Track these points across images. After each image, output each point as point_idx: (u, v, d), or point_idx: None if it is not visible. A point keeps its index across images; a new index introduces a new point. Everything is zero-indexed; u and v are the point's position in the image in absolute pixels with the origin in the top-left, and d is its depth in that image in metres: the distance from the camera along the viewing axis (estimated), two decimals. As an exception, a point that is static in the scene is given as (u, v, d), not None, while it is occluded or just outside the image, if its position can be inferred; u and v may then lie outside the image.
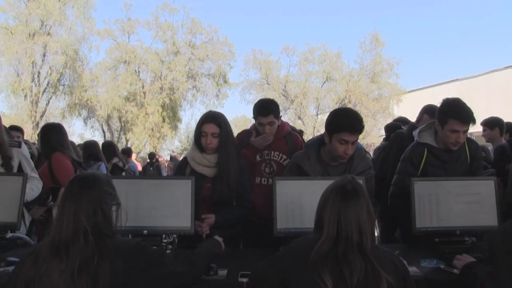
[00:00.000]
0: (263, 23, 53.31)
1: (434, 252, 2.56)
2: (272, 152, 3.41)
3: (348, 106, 21.42)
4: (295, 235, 2.23)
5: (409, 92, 25.46)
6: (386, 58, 27.65)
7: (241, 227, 3.04)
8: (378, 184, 3.15)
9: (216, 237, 2.45)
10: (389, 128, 5.15)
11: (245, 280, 2.05)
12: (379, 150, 4.89)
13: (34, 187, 3.22)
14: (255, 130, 3.47)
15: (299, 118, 27.71)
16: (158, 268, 1.81)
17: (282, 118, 3.59)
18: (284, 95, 28.04)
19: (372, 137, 23.94)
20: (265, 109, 3.31)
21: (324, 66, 28.08)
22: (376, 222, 3.46)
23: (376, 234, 1.82)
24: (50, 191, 3.61)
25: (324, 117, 20.02)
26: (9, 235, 2.75)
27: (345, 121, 2.72)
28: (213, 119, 2.88)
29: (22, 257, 1.77)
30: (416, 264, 2.34)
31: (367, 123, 23.96)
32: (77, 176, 1.81)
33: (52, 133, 3.88)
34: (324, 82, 28.24)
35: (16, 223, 2.67)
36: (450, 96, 3.05)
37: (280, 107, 3.43)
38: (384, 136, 5.34)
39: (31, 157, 3.70)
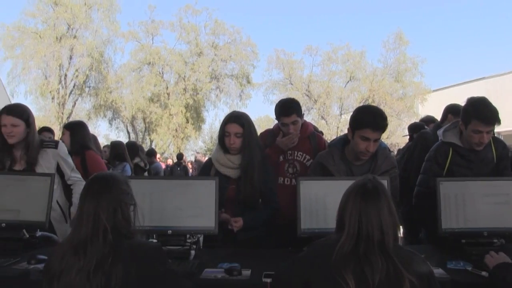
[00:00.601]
0: (286, 23, 53.32)
1: (460, 253, 2.51)
2: (296, 152, 3.38)
3: (372, 106, 21.19)
4: (319, 235, 2.22)
5: (434, 91, 25.11)
6: (410, 57, 27.39)
7: (265, 228, 3.03)
8: (402, 184, 3.11)
9: None
10: (413, 128, 5.08)
11: (269, 280, 2.03)
12: (403, 151, 4.83)
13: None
14: (279, 129, 3.43)
15: (323, 118, 27.60)
16: (170, 277, 1.81)
17: (305, 118, 3.56)
18: (307, 95, 27.96)
19: (397, 137, 23.70)
20: (287, 108, 3.27)
21: (348, 65, 27.94)
22: (400, 223, 3.41)
23: (400, 235, 1.79)
24: None
25: (347, 117, 19.86)
26: (38, 233, 2.81)
27: (368, 118, 2.70)
28: (236, 119, 2.88)
29: (48, 255, 1.81)
30: (442, 265, 2.29)
31: (391, 122, 23.73)
32: (96, 176, 1.83)
33: (83, 130, 4.01)
34: (348, 82, 28.09)
35: (45, 222, 2.72)
36: (477, 95, 3.00)
37: (303, 107, 3.42)
38: (408, 136, 5.26)
39: None
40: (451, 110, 4.02)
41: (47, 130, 5.38)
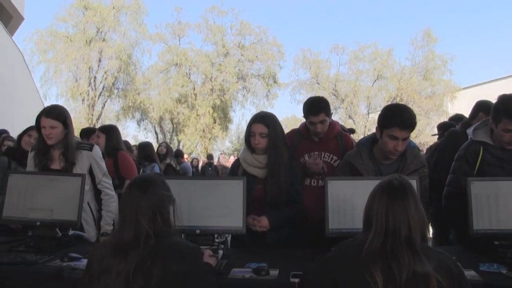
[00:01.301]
0: (312, 22, 53.06)
1: (493, 255, 2.45)
2: (323, 153, 3.35)
3: (400, 105, 20.95)
4: (347, 235, 2.20)
5: (464, 88, 24.67)
6: (439, 54, 26.99)
7: (292, 229, 3.02)
8: (432, 184, 3.04)
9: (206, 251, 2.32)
10: (442, 127, 4.99)
11: (296, 280, 2.03)
12: (431, 150, 4.73)
13: (111, 211, 3.27)
14: (305, 128, 3.43)
15: (350, 117, 27.41)
16: (207, 275, 1.85)
17: (333, 118, 3.53)
18: (335, 95, 27.81)
19: (425, 136, 23.31)
20: (316, 107, 3.23)
21: (375, 64, 27.70)
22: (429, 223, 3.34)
23: (429, 236, 1.76)
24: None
25: (375, 116, 19.69)
26: (70, 232, 2.88)
27: (396, 116, 2.65)
28: (261, 119, 2.88)
29: (89, 255, 1.85)
30: (474, 268, 2.23)
31: (420, 121, 23.40)
32: (135, 181, 1.87)
33: (117, 133, 4.28)
34: (375, 81, 27.83)
35: (76, 222, 2.79)
36: (508, 92, 2.91)
37: (331, 107, 3.37)
38: (437, 135, 5.16)
39: None
40: (482, 108, 3.91)
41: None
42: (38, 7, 46.54)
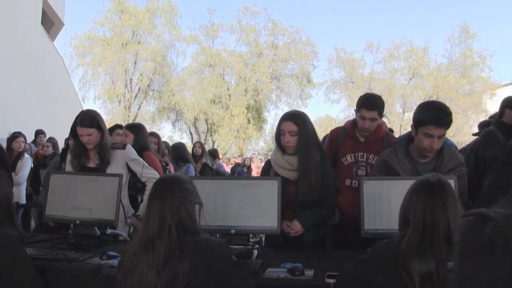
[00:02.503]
0: (345, 21, 52.19)
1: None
2: (367, 155, 3.28)
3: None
4: (383, 236, 2.19)
5: (504, 85, 23.94)
6: (477, 51, 26.32)
7: (328, 229, 3.00)
8: (471, 185, 2.96)
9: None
10: (483, 126, 4.87)
11: (332, 281, 2.01)
12: (468, 150, 4.61)
13: None
14: (351, 127, 3.36)
15: (385, 116, 26.82)
16: (237, 272, 1.86)
17: None
18: (369, 93, 27.42)
19: (464, 135, 22.77)
20: (371, 103, 3.17)
21: (410, 62, 27.23)
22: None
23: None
24: None
25: (410, 115, 19.34)
26: (108, 231, 2.96)
27: (431, 114, 2.60)
28: (290, 117, 2.86)
29: (121, 252, 1.92)
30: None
31: (457, 120, 22.88)
32: (161, 178, 1.97)
33: (145, 132, 4.30)
34: (411, 79, 27.38)
35: (114, 220, 2.85)
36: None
37: None
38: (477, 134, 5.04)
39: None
40: (508, 104, 3.82)
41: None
42: (77, 12, 48.06)
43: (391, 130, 4.14)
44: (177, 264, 1.70)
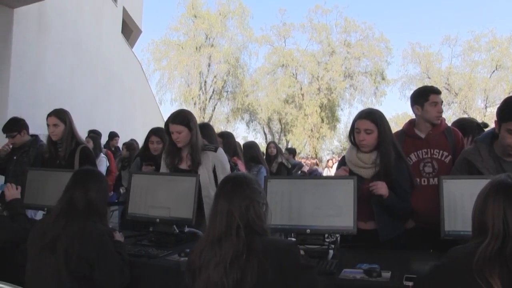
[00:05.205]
0: (420, 14, 50.20)
1: None
2: (431, 150, 3.16)
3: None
4: (465, 238, 2.04)
5: None
6: None
7: (404, 229, 2.93)
8: None
9: None
10: None
11: (410, 283, 1.94)
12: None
13: None
14: (410, 127, 3.28)
15: (465, 112, 25.99)
16: (307, 273, 1.81)
17: (445, 113, 3.37)
18: (447, 89, 26.51)
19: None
20: (437, 89, 3.21)
21: (493, 53, 26.00)
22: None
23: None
24: None
25: (493, 110, 18.52)
26: (186, 229, 3.04)
27: None
28: (367, 115, 2.82)
29: (189, 251, 1.96)
30: None
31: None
32: (228, 177, 1.96)
33: (234, 142, 4.45)
34: (493, 72, 26.14)
35: (191, 219, 2.91)
36: None
37: (443, 102, 3.22)
38: None
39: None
40: None
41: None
42: (153, 19, 50.20)
43: (486, 125, 3.93)
44: (246, 265, 1.69)
